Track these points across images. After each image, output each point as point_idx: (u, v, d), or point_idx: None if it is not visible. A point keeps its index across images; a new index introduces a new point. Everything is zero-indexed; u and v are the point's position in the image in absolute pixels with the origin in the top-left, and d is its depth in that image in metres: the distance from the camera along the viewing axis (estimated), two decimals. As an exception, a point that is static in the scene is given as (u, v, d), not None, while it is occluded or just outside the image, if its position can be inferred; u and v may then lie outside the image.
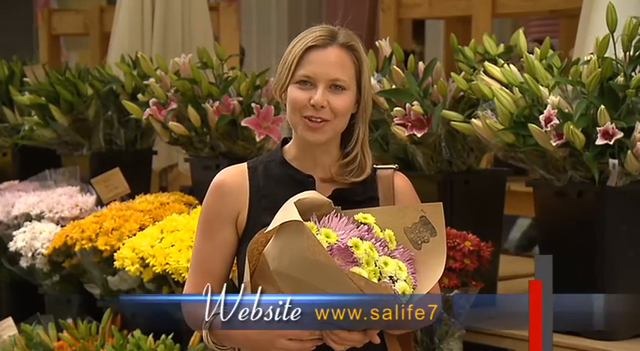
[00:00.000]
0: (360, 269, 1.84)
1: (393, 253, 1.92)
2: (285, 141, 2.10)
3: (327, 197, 2.00)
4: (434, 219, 1.98)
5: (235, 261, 2.07)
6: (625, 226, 2.72)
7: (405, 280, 1.88)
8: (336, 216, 1.91)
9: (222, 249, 2.05)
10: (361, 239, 1.88)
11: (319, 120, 1.98)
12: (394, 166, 2.11)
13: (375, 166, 2.09)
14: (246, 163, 2.09)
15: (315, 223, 1.89)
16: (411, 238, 1.96)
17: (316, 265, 1.81)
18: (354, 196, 2.04)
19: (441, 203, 1.99)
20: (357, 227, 1.91)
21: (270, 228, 1.88)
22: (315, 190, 2.02)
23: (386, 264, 1.88)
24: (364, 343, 1.90)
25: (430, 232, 1.97)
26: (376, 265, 1.87)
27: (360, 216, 1.94)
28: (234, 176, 2.07)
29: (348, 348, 1.90)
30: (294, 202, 1.86)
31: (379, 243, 1.91)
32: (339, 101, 1.99)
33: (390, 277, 1.87)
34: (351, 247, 1.86)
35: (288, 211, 1.85)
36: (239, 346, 1.95)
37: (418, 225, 1.97)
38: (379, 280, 1.86)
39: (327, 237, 1.86)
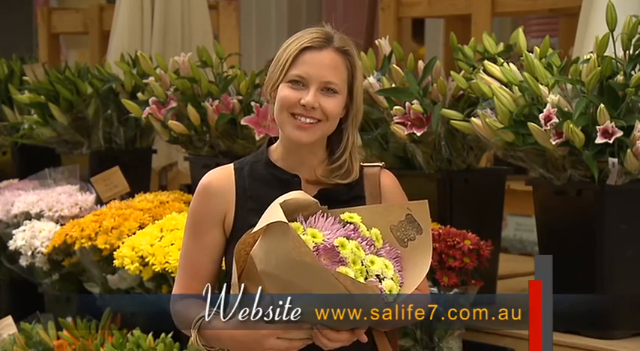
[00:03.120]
0: (347, 269, 1.84)
1: (380, 252, 1.93)
2: (271, 141, 2.10)
3: (313, 197, 2.00)
4: (420, 217, 1.98)
5: (223, 262, 2.08)
6: (624, 224, 2.72)
7: (391, 279, 1.88)
8: (323, 216, 1.91)
9: (210, 250, 2.05)
10: (347, 238, 1.88)
11: (309, 120, 1.98)
12: (381, 164, 2.11)
13: (361, 164, 2.09)
14: (233, 164, 2.09)
15: (302, 223, 1.89)
16: (397, 236, 1.97)
17: (302, 266, 1.81)
18: (340, 195, 2.04)
19: (427, 201, 2.00)
20: (344, 227, 1.91)
21: (255, 229, 1.88)
22: (300, 189, 2.02)
23: (372, 263, 1.88)
24: (352, 341, 1.90)
25: (416, 230, 1.98)
26: (363, 264, 1.87)
27: (346, 215, 1.94)
28: (220, 178, 2.07)
29: (337, 347, 1.90)
30: (280, 203, 1.86)
31: (365, 242, 1.91)
32: (331, 104, 1.99)
33: (377, 275, 1.88)
34: (337, 246, 1.86)
35: (273, 213, 1.86)
36: (227, 347, 1.95)
37: (404, 223, 1.98)
38: (366, 279, 1.86)
39: (314, 237, 1.86)
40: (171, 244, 2.98)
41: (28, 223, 3.62)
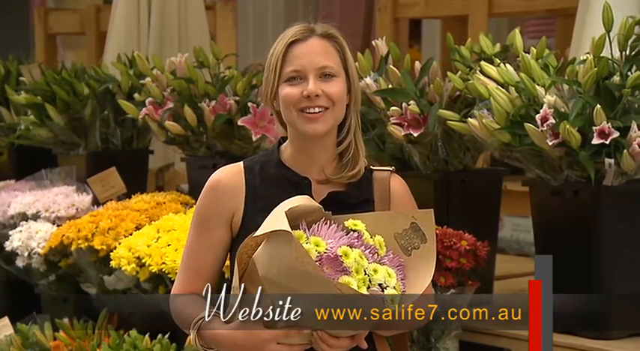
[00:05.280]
0: (350, 278, 1.83)
1: (383, 260, 1.91)
2: (282, 140, 2.09)
3: (323, 200, 2.00)
4: (424, 225, 1.97)
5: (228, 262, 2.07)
6: (621, 225, 2.73)
7: (394, 287, 1.87)
8: (326, 223, 1.90)
9: (215, 248, 2.04)
10: (351, 247, 1.87)
11: (317, 109, 1.98)
12: (391, 168, 2.10)
13: (372, 167, 2.09)
14: (242, 163, 2.08)
15: (305, 231, 1.88)
16: (401, 245, 1.96)
17: (304, 275, 1.81)
18: (349, 198, 2.03)
19: (432, 210, 1.98)
20: (347, 234, 1.90)
21: (257, 233, 1.88)
22: (310, 192, 2.01)
23: (375, 271, 1.87)
24: (352, 346, 1.90)
25: (420, 239, 1.96)
26: (365, 273, 1.86)
27: (350, 222, 1.93)
28: (230, 176, 2.05)
29: None
30: (285, 212, 1.86)
31: (369, 250, 1.90)
32: (333, 88, 1.99)
33: (380, 284, 1.86)
34: (340, 256, 1.85)
35: (277, 220, 1.85)
36: (226, 350, 1.94)
37: (409, 231, 1.97)
38: (368, 288, 1.85)
39: (317, 246, 1.85)
40: (168, 245, 2.98)
41: (25, 223, 3.62)
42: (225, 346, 1.92)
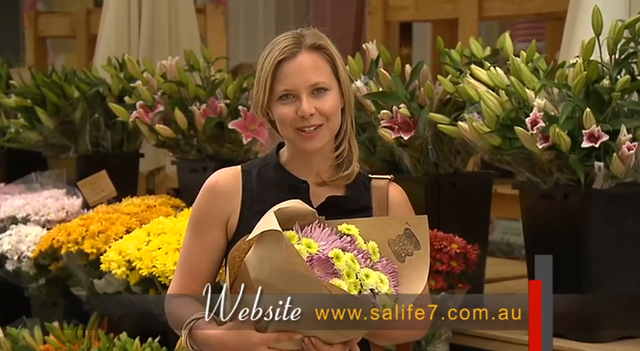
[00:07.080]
0: (340, 281, 1.83)
1: (376, 266, 1.90)
2: (281, 145, 2.09)
3: (321, 204, 2.00)
4: (418, 232, 1.97)
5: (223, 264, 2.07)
6: (610, 228, 2.73)
7: (386, 293, 1.86)
8: (319, 226, 1.89)
9: (210, 250, 2.04)
10: (343, 250, 1.86)
11: (313, 127, 1.98)
12: (389, 177, 2.10)
13: (370, 175, 2.09)
14: (240, 166, 2.07)
15: (297, 232, 1.87)
16: (395, 251, 1.95)
17: (295, 276, 1.80)
18: (348, 203, 2.03)
19: (426, 216, 1.98)
20: (340, 238, 1.89)
21: (250, 236, 1.87)
22: (308, 195, 2.01)
23: (367, 276, 1.86)
24: None
25: (414, 246, 1.95)
26: (357, 278, 1.85)
27: (343, 227, 1.92)
28: (227, 178, 2.05)
29: None
30: (275, 212, 1.85)
31: (361, 255, 1.89)
32: (326, 103, 1.98)
33: (371, 289, 1.85)
34: (331, 258, 1.84)
35: (268, 220, 1.84)
36: None
37: (402, 237, 1.96)
38: (360, 292, 1.84)
39: (309, 247, 1.84)
40: (159, 249, 2.97)
41: (15, 227, 3.61)
42: (215, 348, 1.91)
